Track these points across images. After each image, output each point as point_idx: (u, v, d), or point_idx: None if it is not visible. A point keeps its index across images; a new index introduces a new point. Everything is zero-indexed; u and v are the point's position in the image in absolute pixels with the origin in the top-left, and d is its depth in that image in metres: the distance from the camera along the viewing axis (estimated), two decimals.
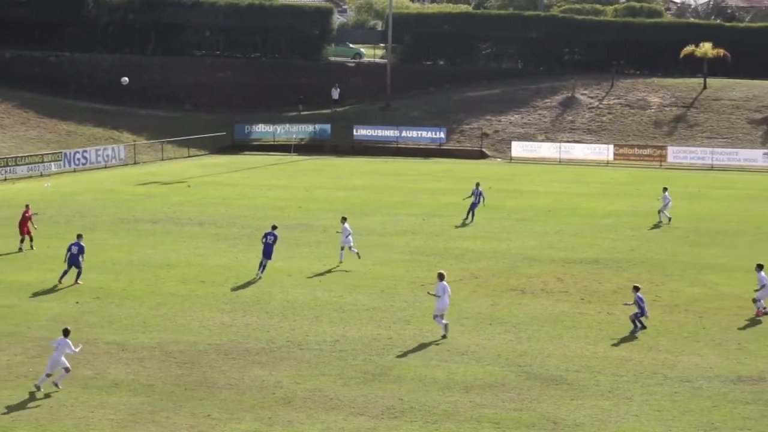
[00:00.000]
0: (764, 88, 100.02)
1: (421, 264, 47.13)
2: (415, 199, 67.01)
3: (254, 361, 32.70)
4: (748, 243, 52.73)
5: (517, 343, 34.90)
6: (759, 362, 32.91)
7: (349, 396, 29.62)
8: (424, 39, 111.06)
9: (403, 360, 33.10)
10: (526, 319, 38.11)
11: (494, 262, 47.89)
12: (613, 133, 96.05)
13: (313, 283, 43.30)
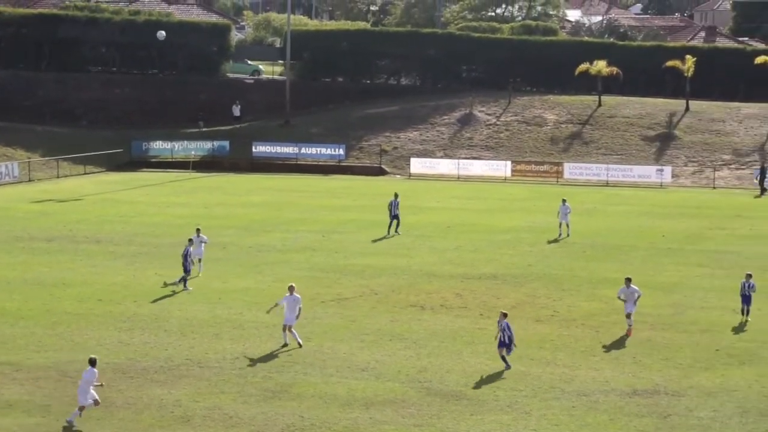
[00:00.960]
0: (656, 106, 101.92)
1: (321, 281, 47.11)
2: (315, 215, 66.96)
3: (152, 380, 32.37)
4: (642, 258, 53.64)
5: (417, 359, 35.04)
6: (654, 375, 33.47)
7: (248, 414, 29.47)
8: (323, 56, 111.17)
9: (304, 377, 33.04)
10: (425, 335, 38.28)
11: (394, 278, 48.04)
12: (511, 149, 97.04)
13: (212, 301, 43.00)
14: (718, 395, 31.63)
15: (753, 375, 33.57)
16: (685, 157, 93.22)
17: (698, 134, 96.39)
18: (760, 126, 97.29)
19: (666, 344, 37.18)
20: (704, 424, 29.19)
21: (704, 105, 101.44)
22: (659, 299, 43.91)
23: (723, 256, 53.97)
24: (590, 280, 48.02)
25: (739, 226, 64.28)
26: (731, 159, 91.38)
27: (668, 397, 31.54)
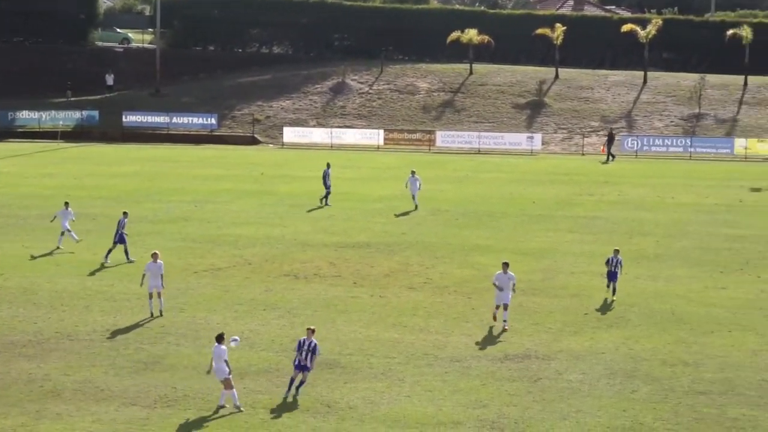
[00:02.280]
0: (527, 74, 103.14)
1: (194, 251, 46.71)
2: (187, 185, 66.29)
3: (21, 354, 31.77)
4: (513, 225, 54.32)
5: (291, 329, 34.99)
6: (524, 340, 33.97)
7: (120, 386, 29.12)
8: (193, 24, 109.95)
9: (176, 348, 32.76)
10: (299, 304, 38.25)
11: (268, 247, 47.85)
12: (383, 118, 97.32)
13: (82, 273, 42.31)
14: (587, 358, 32.26)
15: (620, 338, 34.29)
16: (555, 124, 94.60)
17: (567, 101, 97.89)
18: (627, 93, 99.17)
19: (536, 309, 37.75)
20: (573, 387, 29.75)
21: (573, 72, 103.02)
22: (530, 265, 44.53)
23: (592, 222, 54.96)
24: (462, 247, 48.46)
25: (607, 192, 65.49)
26: (599, 126, 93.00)
27: (539, 361, 32.05)
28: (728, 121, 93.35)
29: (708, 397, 29.01)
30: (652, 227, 53.38)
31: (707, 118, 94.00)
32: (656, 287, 40.92)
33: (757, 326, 35.73)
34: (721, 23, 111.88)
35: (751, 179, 71.15)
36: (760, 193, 65.64)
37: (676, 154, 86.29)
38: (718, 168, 78.45)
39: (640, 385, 29.91)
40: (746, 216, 56.88)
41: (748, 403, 28.50)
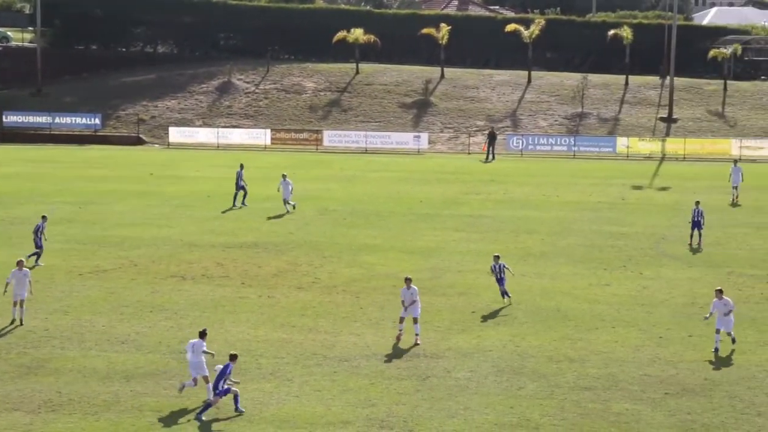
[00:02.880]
0: (413, 73, 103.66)
1: (79, 253, 46.01)
2: (71, 186, 65.24)
3: None
4: (400, 224, 54.52)
5: (179, 330, 34.67)
6: (413, 339, 34.08)
7: (2, 391, 28.56)
8: (75, 22, 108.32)
9: (61, 351, 32.23)
10: (186, 305, 37.92)
11: (154, 249, 47.33)
12: (270, 117, 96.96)
13: None
14: (475, 355, 32.54)
15: (507, 335, 34.64)
16: (441, 124, 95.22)
17: (453, 101, 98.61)
18: (511, 92, 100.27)
19: (425, 308, 37.80)
20: (461, 384, 29.98)
21: (458, 72, 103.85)
22: (418, 264, 44.76)
23: (478, 221, 55.43)
24: (351, 246, 48.50)
25: (493, 190, 66.11)
26: (485, 125, 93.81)
27: (427, 359, 32.23)
28: (610, 120, 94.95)
29: (593, 392, 29.47)
30: (538, 225, 54.04)
31: (590, 117, 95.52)
32: (542, 284, 41.44)
33: (640, 322, 36.39)
34: (603, 24, 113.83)
35: (633, 177, 72.46)
36: (641, 191, 66.87)
37: (560, 153, 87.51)
38: (601, 166, 79.73)
39: (527, 381, 30.27)
40: (628, 214, 57.90)
41: (631, 398, 29.02)
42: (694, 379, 30.49)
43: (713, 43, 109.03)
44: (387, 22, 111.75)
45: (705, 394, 29.28)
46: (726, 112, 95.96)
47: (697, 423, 27.30)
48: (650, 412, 27.98)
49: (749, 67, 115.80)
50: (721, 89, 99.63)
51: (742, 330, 35.23)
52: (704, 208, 49.61)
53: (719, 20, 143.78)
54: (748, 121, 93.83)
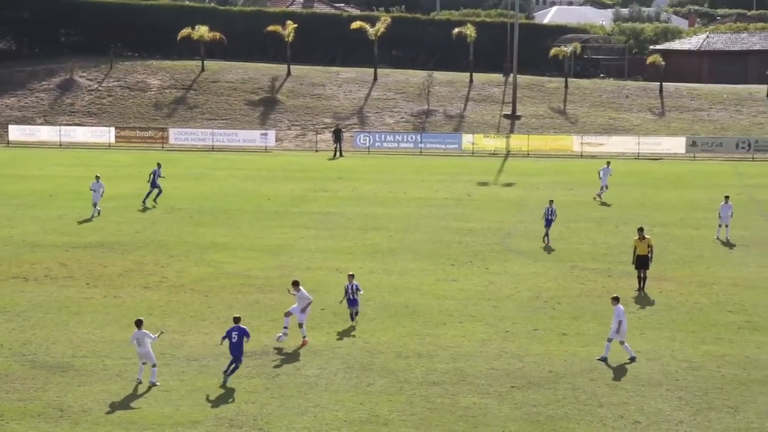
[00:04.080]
0: (259, 71, 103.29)
1: None
2: None
3: None
4: (249, 221, 54.24)
5: (21, 332, 33.89)
6: (261, 337, 33.96)
7: None
8: None
9: None
10: (29, 306, 37.07)
11: None
12: (114, 115, 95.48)
13: None
14: (324, 353, 32.56)
15: (356, 332, 34.74)
16: (288, 121, 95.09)
17: (300, 98, 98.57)
18: (358, 90, 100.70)
19: (274, 306, 37.81)
20: (311, 382, 29.99)
21: (305, 69, 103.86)
22: (267, 262, 44.62)
23: (327, 218, 55.50)
24: (198, 245, 48.07)
25: (341, 187, 66.28)
26: (332, 122, 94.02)
27: (276, 357, 32.13)
28: (456, 117, 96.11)
29: (441, 387, 29.78)
30: (386, 222, 54.37)
31: (436, 114, 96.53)
32: (390, 281, 41.69)
33: (486, 317, 36.91)
34: (447, 22, 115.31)
35: (479, 174, 73.47)
36: (487, 187, 67.84)
37: (407, 150, 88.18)
38: (447, 163, 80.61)
39: (376, 377, 30.43)
40: (474, 209, 58.69)
41: (478, 392, 29.42)
42: (539, 372, 31.06)
43: (554, 42, 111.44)
44: (232, 19, 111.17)
45: (550, 387, 29.87)
46: (567, 109, 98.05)
47: (542, 415, 27.83)
48: (497, 406, 28.41)
49: (589, 65, 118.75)
50: (563, 87, 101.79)
51: (585, 323, 36.06)
52: (546, 201, 50.58)
53: (559, 19, 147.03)
54: (588, 117, 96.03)
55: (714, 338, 34.37)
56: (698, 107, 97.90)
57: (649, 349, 33.27)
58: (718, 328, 35.57)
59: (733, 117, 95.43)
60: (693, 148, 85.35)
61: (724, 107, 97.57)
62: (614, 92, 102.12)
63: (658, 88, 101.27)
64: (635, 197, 62.65)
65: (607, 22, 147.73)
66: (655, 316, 37.10)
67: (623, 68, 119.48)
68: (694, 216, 56.57)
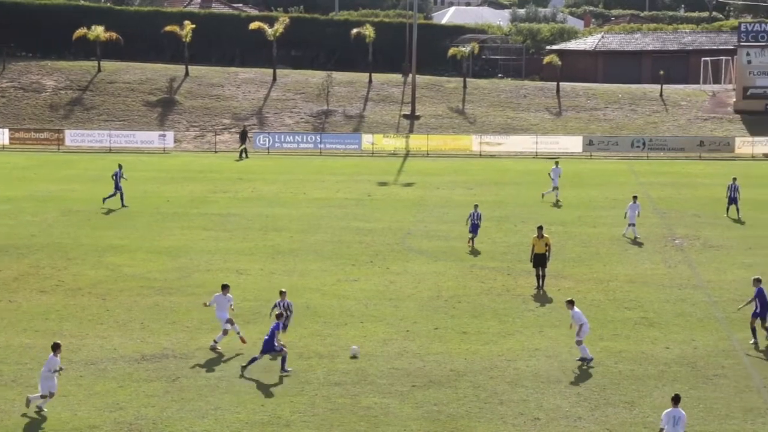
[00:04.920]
0: (157, 71, 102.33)
1: None
2: None
3: None
4: (147, 223, 53.72)
5: None
6: (162, 340, 33.70)
7: None
8: None
9: None
10: None
11: None
12: (8, 116, 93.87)
13: None
14: (225, 354, 32.36)
15: (257, 333, 34.45)
16: (187, 122, 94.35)
17: (199, 99, 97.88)
18: (257, 90, 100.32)
19: (173, 308, 37.53)
20: (212, 384, 29.80)
21: (203, 70, 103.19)
22: (165, 264, 44.24)
23: (226, 219, 55.19)
24: (96, 247, 47.46)
25: (241, 188, 65.94)
26: (231, 123, 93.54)
27: (177, 360, 31.89)
28: (355, 118, 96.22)
29: (342, 387, 29.80)
30: (287, 223, 54.23)
31: (336, 114, 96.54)
32: (291, 282, 41.53)
33: (387, 316, 37.02)
34: (346, 22, 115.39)
35: (378, 174, 73.62)
36: (387, 187, 67.99)
37: (306, 150, 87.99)
38: (347, 163, 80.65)
39: (278, 379, 30.34)
40: (375, 210, 58.81)
41: (379, 392, 29.49)
42: (440, 370, 31.24)
43: (452, 42, 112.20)
44: (129, 19, 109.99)
45: (450, 385, 30.05)
46: (466, 109, 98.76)
47: (443, 413, 27.99)
48: (398, 405, 28.51)
49: (487, 65, 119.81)
50: (461, 87, 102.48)
51: (485, 321, 36.36)
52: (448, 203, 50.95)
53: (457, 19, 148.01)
54: (487, 117, 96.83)
55: (611, 335, 34.89)
56: (594, 107, 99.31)
57: (548, 347, 33.67)
58: (615, 325, 36.12)
59: (628, 116, 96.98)
60: (590, 147, 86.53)
61: (620, 107, 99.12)
62: (512, 92, 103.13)
63: (555, 87, 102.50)
64: (533, 196, 63.30)
65: (504, 22, 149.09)
66: (554, 314, 37.54)
67: (521, 68, 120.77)
68: (591, 214, 57.37)
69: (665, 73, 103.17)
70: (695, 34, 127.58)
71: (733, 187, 55.74)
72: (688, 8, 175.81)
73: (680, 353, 33.12)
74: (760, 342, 33.72)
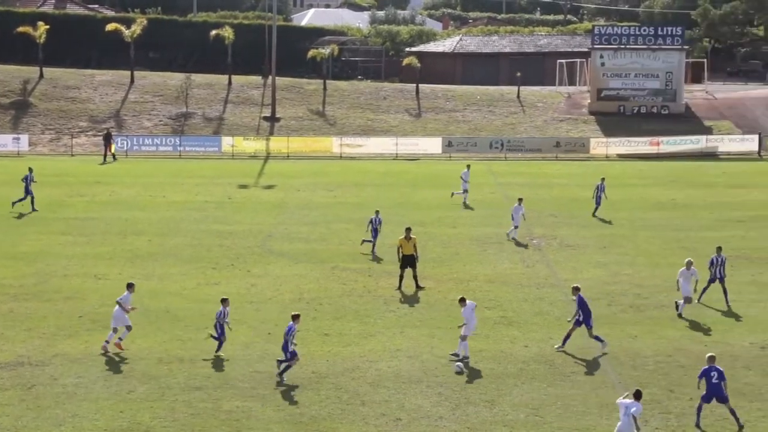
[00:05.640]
0: (9, 73, 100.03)
1: None
2: None
3: None
4: (1, 228, 52.50)
5: None
6: (17, 347, 32.99)
7: None
8: None
9: None
10: None
11: None
12: None
13: None
14: (83, 361, 31.85)
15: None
16: (42, 125, 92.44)
17: (54, 102, 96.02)
18: (114, 93, 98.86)
19: (29, 314, 36.77)
20: (69, 391, 29.28)
21: (58, 72, 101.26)
22: (21, 269, 43.34)
23: (84, 223, 54.26)
24: None
25: (99, 192, 64.89)
26: (88, 126, 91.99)
27: (32, 367, 31.25)
28: (215, 120, 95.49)
29: (203, 392, 29.57)
30: (145, 226, 53.55)
31: (195, 117, 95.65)
32: (150, 286, 41.05)
33: (249, 319, 36.84)
34: (204, 23, 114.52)
35: (239, 176, 73.20)
36: (247, 189, 67.65)
37: (166, 153, 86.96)
38: (207, 166, 79.98)
39: (137, 384, 29.97)
40: (235, 212, 58.47)
41: (241, 395, 29.35)
42: (302, 373, 31.20)
43: (312, 44, 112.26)
44: None
45: (312, 387, 30.06)
46: (326, 111, 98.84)
47: (306, 416, 27.99)
48: (260, 408, 28.41)
49: (347, 67, 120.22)
50: (321, 89, 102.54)
51: (346, 323, 36.46)
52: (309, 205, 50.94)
53: (317, 21, 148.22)
54: (347, 119, 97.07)
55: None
56: (453, 108, 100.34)
57: (409, 347, 33.92)
58: None
59: (487, 118, 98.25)
60: (449, 149, 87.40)
61: (478, 108, 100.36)
62: (372, 94, 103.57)
63: (415, 89, 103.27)
64: (393, 197, 63.72)
65: (363, 24, 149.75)
66: (415, 314, 37.84)
67: (380, 70, 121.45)
68: (450, 215, 57.96)
69: (522, 75, 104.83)
70: (551, 36, 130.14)
71: (601, 187, 56.88)
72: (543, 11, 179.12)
73: (539, 351, 33.69)
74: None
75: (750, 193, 66.57)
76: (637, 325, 36.57)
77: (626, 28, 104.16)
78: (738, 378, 31.09)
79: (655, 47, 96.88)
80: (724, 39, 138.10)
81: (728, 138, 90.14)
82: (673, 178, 73.12)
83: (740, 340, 35.03)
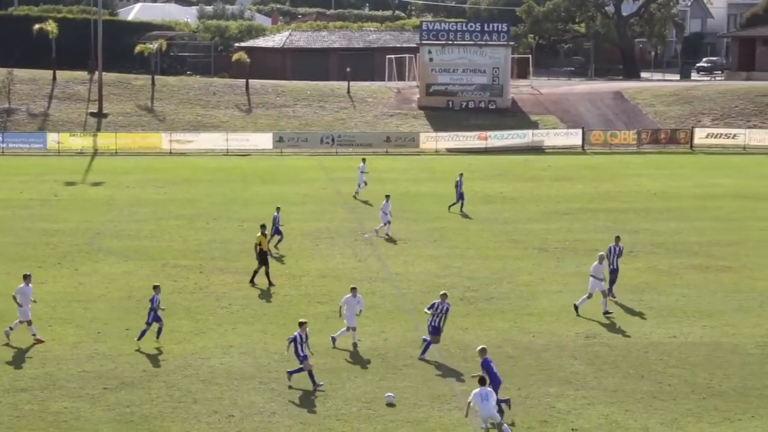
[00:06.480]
0: None
1: None
2: None
3: None
4: None
5: None
6: None
7: None
8: None
9: None
10: None
11: None
12: None
13: None
14: None
15: None
16: None
17: None
18: None
19: None
20: None
21: None
22: None
23: None
24: None
25: None
26: None
27: None
28: (40, 116, 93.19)
29: (29, 393, 28.89)
30: None
31: (18, 113, 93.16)
32: None
33: (77, 318, 36.13)
34: (26, 17, 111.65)
35: (66, 173, 71.62)
36: (74, 186, 66.27)
37: None
38: (31, 163, 78.07)
39: None
40: (62, 210, 57.23)
41: (69, 396, 28.75)
42: (132, 371, 30.75)
43: (139, 39, 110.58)
44: None
45: (143, 386, 29.64)
46: (155, 106, 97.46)
47: (136, 415, 27.58)
48: (89, 408, 27.88)
49: (175, 63, 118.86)
50: (150, 84, 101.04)
51: (177, 320, 36.03)
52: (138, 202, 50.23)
53: (144, 16, 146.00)
54: (176, 115, 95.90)
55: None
56: (284, 103, 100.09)
57: (241, 343, 33.74)
58: (307, 319, 36.52)
59: (317, 113, 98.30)
60: (280, 144, 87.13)
61: (308, 103, 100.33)
62: (201, 89, 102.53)
63: (245, 84, 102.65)
64: (225, 193, 63.27)
65: (192, 19, 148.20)
66: (247, 311, 37.66)
67: (210, 65, 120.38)
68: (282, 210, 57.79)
69: (352, 70, 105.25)
70: (380, 32, 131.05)
71: (460, 183, 57.39)
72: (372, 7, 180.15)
73: (371, 345, 33.89)
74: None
75: (574, 186, 68.21)
76: (468, 317, 37.11)
77: (453, 24, 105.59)
78: (564, 367, 31.88)
79: (481, 43, 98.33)
80: (548, 35, 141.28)
81: (553, 132, 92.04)
82: (501, 172, 74.39)
83: (567, 329, 35.88)
